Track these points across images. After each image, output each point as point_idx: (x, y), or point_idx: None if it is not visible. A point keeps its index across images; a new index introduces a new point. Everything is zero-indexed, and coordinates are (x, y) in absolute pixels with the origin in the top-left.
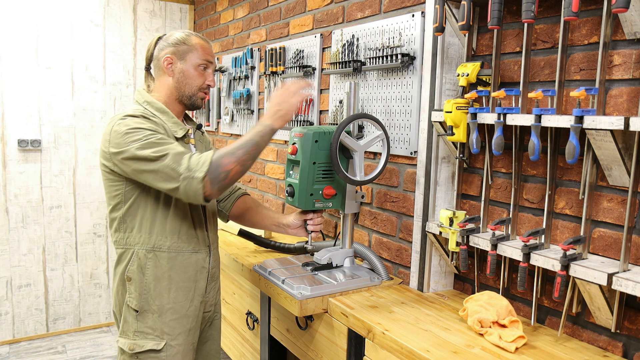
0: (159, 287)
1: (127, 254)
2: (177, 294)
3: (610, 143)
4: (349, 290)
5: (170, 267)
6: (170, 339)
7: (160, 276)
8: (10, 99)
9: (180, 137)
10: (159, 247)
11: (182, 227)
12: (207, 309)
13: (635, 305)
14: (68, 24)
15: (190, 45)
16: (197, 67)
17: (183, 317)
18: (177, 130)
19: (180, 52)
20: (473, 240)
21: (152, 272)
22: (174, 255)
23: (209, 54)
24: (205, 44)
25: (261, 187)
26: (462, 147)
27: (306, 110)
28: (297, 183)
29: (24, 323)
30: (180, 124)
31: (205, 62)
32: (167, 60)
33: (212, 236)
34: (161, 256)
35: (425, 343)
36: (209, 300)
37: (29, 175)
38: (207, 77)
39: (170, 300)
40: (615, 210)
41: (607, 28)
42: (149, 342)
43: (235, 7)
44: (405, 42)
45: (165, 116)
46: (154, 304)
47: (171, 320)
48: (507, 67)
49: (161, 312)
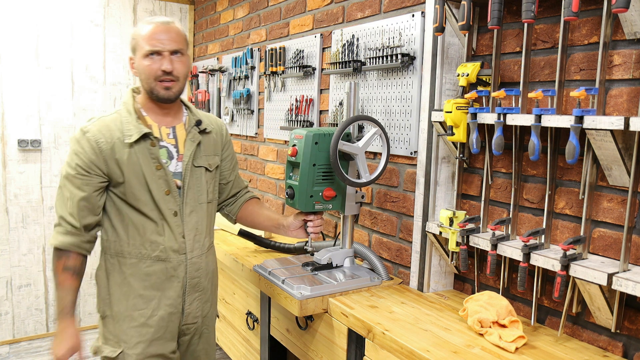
0: (118, 293)
1: (100, 258)
2: (137, 301)
3: (610, 143)
4: (349, 290)
5: (131, 274)
6: (127, 347)
7: (120, 282)
8: (10, 99)
9: (134, 141)
10: (121, 253)
11: (146, 234)
12: (190, 320)
13: (635, 305)
14: (68, 24)
15: (136, 37)
16: (145, 58)
17: (142, 326)
18: (131, 135)
19: (132, 48)
20: (473, 240)
21: (114, 278)
22: (135, 262)
23: (156, 39)
24: (151, 30)
25: (261, 187)
26: (462, 147)
27: (306, 110)
28: (297, 185)
29: (24, 323)
30: (140, 127)
31: (150, 50)
32: (130, 62)
33: (194, 245)
34: (123, 262)
35: (425, 343)
36: (192, 312)
37: (29, 175)
38: (159, 64)
39: (128, 308)
40: (615, 210)
41: (607, 28)
42: (107, 347)
43: (235, 7)
44: (405, 42)
45: (128, 118)
46: (113, 310)
47: (129, 328)
48: (507, 67)
49: (119, 318)
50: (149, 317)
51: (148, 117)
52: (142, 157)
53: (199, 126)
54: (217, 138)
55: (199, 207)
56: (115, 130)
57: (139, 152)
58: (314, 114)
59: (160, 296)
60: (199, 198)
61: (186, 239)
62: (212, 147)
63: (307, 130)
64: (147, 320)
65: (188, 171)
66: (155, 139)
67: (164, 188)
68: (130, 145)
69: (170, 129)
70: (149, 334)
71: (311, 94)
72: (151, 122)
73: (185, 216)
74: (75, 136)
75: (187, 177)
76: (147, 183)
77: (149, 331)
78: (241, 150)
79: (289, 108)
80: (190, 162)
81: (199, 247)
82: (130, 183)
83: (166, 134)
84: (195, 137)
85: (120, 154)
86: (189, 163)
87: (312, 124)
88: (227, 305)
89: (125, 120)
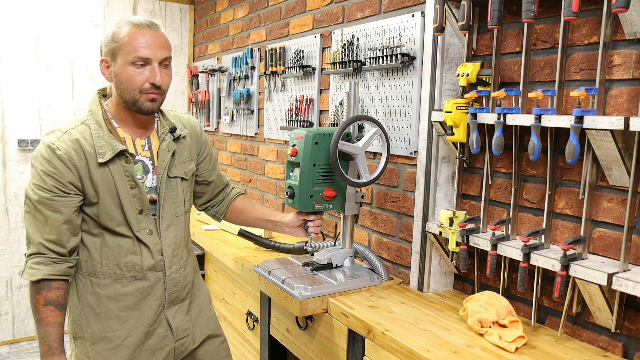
0: (92, 315)
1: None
2: (112, 322)
3: (610, 143)
4: (349, 290)
5: (105, 295)
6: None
7: (94, 304)
8: (10, 99)
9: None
10: (94, 273)
11: (121, 255)
12: (181, 335)
13: (635, 305)
14: (68, 24)
15: (119, 40)
16: (131, 66)
17: (118, 347)
18: (104, 152)
19: (112, 51)
20: (473, 240)
21: (85, 299)
22: (109, 282)
23: (145, 45)
24: (139, 34)
25: (261, 187)
26: (462, 147)
27: (306, 110)
28: (297, 185)
29: (24, 323)
30: (113, 144)
31: (139, 58)
32: (103, 64)
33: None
34: (95, 282)
35: (425, 343)
36: (180, 325)
37: (29, 175)
38: (147, 76)
39: (103, 329)
40: (615, 210)
41: (607, 28)
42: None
43: (235, 7)
44: (405, 42)
45: (100, 132)
46: (87, 331)
47: (104, 350)
48: (507, 67)
49: (93, 340)
50: (125, 338)
51: (120, 130)
52: (117, 176)
53: (173, 133)
54: (193, 142)
55: (176, 219)
56: (86, 146)
57: (114, 171)
58: (314, 114)
59: (137, 316)
60: (176, 210)
61: (165, 255)
62: (188, 153)
63: (307, 130)
64: (124, 341)
65: (163, 184)
66: (131, 156)
67: (137, 207)
68: (103, 164)
69: (144, 139)
70: (126, 355)
71: (311, 94)
72: (124, 134)
73: (162, 232)
74: (41, 154)
75: (162, 190)
76: (121, 203)
77: (126, 352)
78: (241, 150)
79: (289, 108)
80: (165, 174)
81: (177, 262)
82: (105, 203)
83: (141, 145)
84: (169, 145)
85: (94, 173)
86: (164, 175)
87: (312, 124)
88: (227, 305)
89: (96, 135)
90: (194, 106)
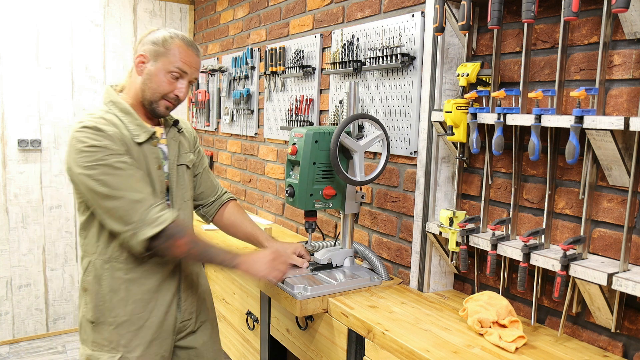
0: (115, 299)
1: (85, 262)
2: (135, 305)
3: (610, 143)
4: (349, 290)
5: (128, 279)
6: (126, 351)
7: (116, 288)
8: (10, 99)
9: (143, 141)
10: (115, 259)
11: None
12: (186, 317)
13: (635, 305)
14: (68, 23)
15: (168, 48)
16: (168, 74)
17: (141, 328)
18: (139, 134)
19: (155, 52)
20: (473, 240)
21: (108, 284)
22: (131, 267)
23: (188, 63)
24: (187, 51)
25: (261, 187)
26: (462, 147)
27: (306, 110)
28: (297, 183)
29: (24, 323)
30: (145, 127)
31: (179, 70)
32: (140, 58)
33: None
34: (118, 267)
35: (425, 343)
36: (187, 308)
37: (29, 175)
38: (176, 87)
39: (126, 312)
40: (615, 210)
41: (607, 28)
42: (104, 354)
43: (235, 7)
44: (405, 42)
45: (128, 117)
46: (109, 315)
47: (128, 332)
48: (507, 67)
49: (117, 324)
50: (147, 319)
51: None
52: (150, 156)
53: (177, 126)
54: (189, 136)
55: (184, 204)
56: (122, 128)
57: (147, 151)
58: (314, 114)
59: (157, 297)
60: (183, 195)
61: None
62: (187, 145)
63: (307, 128)
64: (146, 322)
65: (174, 170)
66: (156, 140)
67: (160, 189)
68: (139, 144)
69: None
70: (148, 335)
71: (311, 94)
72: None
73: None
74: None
75: (173, 176)
76: (153, 182)
77: (148, 333)
78: (241, 150)
79: (289, 108)
80: (175, 162)
81: None
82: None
83: (160, 134)
84: (175, 136)
85: (133, 151)
86: (174, 162)
87: (312, 123)
88: (227, 305)
89: (126, 120)
90: (194, 106)
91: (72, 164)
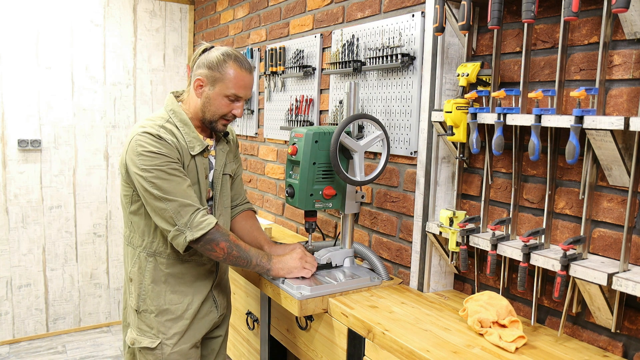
0: (156, 290)
1: (130, 254)
2: (174, 297)
3: (610, 143)
4: (349, 290)
5: (169, 273)
6: (165, 338)
7: (158, 280)
8: (10, 99)
9: (197, 153)
10: (159, 253)
11: None
12: (222, 311)
13: (635, 305)
14: (68, 23)
15: (223, 74)
16: (225, 97)
17: (178, 318)
18: (194, 147)
19: (212, 77)
20: (473, 240)
21: (150, 275)
22: (172, 262)
23: (242, 86)
24: (241, 74)
25: (261, 187)
26: (462, 147)
27: (306, 110)
28: (297, 183)
29: (24, 323)
30: (200, 140)
31: (235, 95)
32: (198, 82)
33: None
34: (160, 261)
35: (425, 343)
36: (221, 303)
37: (29, 175)
38: (233, 108)
39: (166, 302)
40: (615, 210)
41: (607, 28)
42: (146, 339)
43: (235, 7)
44: (405, 42)
45: (186, 129)
46: (151, 304)
47: (167, 321)
48: (507, 67)
49: (158, 312)
50: (185, 310)
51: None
52: (200, 166)
53: (227, 137)
54: (233, 145)
55: (224, 210)
56: (179, 138)
57: (198, 162)
58: (314, 114)
59: (194, 292)
60: (224, 202)
61: None
62: (233, 154)
63: (307, 128)
64: (183, 313)
65: (219, 180)
66: (207, 152)
67: (204, 196)
68: (193, 156)
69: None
70: (184, 325)
71: (311, 94)
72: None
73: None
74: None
75: (217, 185)
76: (200, 191)
77: (185, 323)
78: (241, 150)
79: (289, 108)
80: (220, 171)
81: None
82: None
83: (211, 146)
84: (224, 147)
85: (186, 161)
86: (220, 172)
87: (312, 124)
88: None
89: (184, 131)
90: None
91: (130, 163)
